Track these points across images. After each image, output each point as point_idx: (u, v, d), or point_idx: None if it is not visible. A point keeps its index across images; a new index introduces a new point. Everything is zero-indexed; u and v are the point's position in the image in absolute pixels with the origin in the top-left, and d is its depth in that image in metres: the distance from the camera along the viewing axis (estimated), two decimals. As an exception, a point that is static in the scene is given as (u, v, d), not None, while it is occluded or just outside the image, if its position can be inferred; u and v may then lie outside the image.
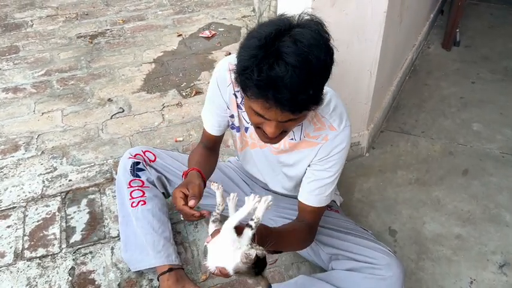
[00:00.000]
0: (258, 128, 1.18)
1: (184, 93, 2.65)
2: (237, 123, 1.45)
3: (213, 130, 1.48)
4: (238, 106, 1.38)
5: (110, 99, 2.62)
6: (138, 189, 1.65)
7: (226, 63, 1.33)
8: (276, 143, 1.25)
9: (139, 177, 1.66)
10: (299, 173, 1.40)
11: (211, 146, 1.54)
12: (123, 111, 2.53)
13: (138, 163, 1.66)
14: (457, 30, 3.03)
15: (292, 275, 1.64)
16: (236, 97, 1.36)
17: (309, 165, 1.36)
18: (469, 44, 3.13)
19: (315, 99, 1.06)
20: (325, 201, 1.36)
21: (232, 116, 1.42)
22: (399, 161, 2.18)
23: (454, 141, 2.29)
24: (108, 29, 3.38)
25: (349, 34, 1.71)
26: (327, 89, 1.32)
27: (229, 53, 3.04)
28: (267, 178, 1.58)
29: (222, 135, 1.54)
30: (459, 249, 1.75)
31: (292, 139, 1.33)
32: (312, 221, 1.39)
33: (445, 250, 1.75)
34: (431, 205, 1.94)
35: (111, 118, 2.48)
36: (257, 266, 1.00)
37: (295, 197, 1.43)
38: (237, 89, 1.27)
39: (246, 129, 1.44)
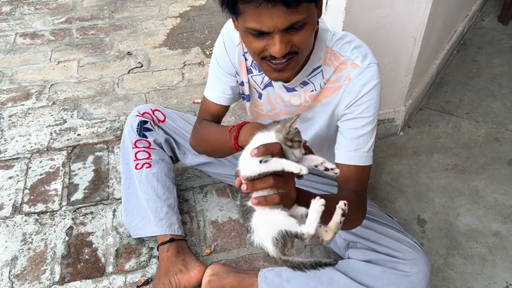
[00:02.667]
0: (262, 60, 1.02)
1: (208, 52, 2.47)
2: (247, 91, 1.30)
3: (221, 99, 1.32)
4: (248, 70, 1.24)
5: (129, 53, 2.48)
6: (143, 151, 1.52)
7: (232, 23, 1.14)
8: (289, 72, 1.05)
9: (146, 137, 1.53)
10: (314, 133, 1.24)
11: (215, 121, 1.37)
12: (142, 66, 2.38)
13: (145, 122, 1.53)
14: (517, 2, 2.71)
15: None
16: (246, 59, 1.22)
17: (338, 120, 1.18)
18: (530, 19, 2.80)
19: None
20: (366, 158, 1.16)
21: (242, 84, 1.28)
22: (437, 143, 1.96)
23: (502, 126, 2.04)
24: (136, -22, 3.21)
25: (395, -9, 1.49)
26: (350, 34, 1.17)
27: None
28: None
29: (227, 109, 1.37)
30: (496, 248, 1.55)
31: (312, 91, 1.18)
32: (357, 186, 1.15)
33: (479, 248, 1.55)
34: (469, 195, 1.73)
35: (128, 73, 2.34)
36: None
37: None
38: (246, 50, 1.13)
39: (260, 95, 1.28)
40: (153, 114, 1.55)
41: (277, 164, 0.82)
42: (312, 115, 1.24)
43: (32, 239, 1.56)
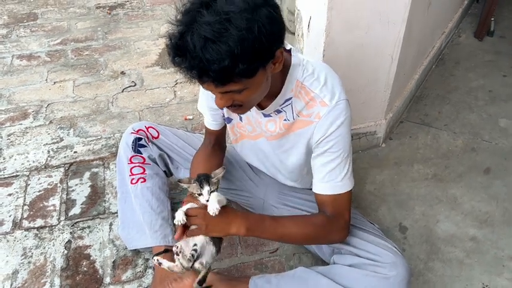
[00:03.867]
0: None
1: (198, 70, 2.57)
2: (226, 114, 1.40)
3: (211, 125, 1.45)
4: None
5: (123, 72, 2.57)
6: (138, 166, 1.59)
7: None
8: (241, 113, 1.25)
9: (141, 153, 1.60)
10: (295, 160, 1.33)
11: (215, 142, 1.50)
12: (135, 85, 2.47)
13: (140, 139, 1.60)
14: (492, 19, 2.84)
15: (293, 266, 1.57)
16: None
17: (312, 155, 1.27)
18: (504, 35, 2.93)
19: (241, 72, 0.97)
20: (341, 187, 1.26)
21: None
22: (417, 154, 2.06)
23: (478, 136, 2.15)
24: (128, 1, 3.32)
25: (371, 15, 1.59)
26: (316, 62, 1.26)
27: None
28: (269, 169, 1.51)
29: (224, 128, 1.49)
30: (473, 252, 1.64)
31: (285, 120, 1.26)
32: (333, 210, 1.27)
33: (457, 252, 1.64)
34: (447, 203, 1.83)
35: (122, 91, 2.43)
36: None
37: (308, 188, 1.35)
38: None
39: (241, 117, 1.38)
40: (147, 131, 1.63)
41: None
42: (290, 145, 1.31)
43: (32, 253, 1.63)
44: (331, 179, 1.25)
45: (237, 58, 0.94)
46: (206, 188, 1.18)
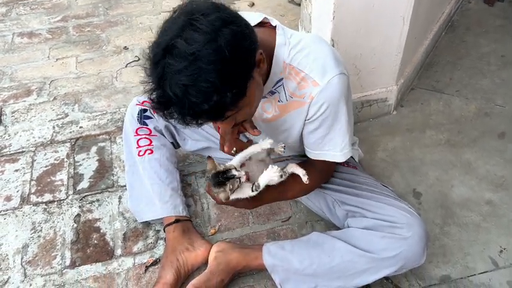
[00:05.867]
0: None
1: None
2: None
3: None
4: None
5: (125, 48, 2.52)
6: (145, 138, 1.57)
7: None
8: (243, 132, 1.24)
9: (147, 125, 1.57)
10: (295, 138, 1.29)
11: None
12: (139, 59, 2.43)
13: (145, 110, 1.57)
14: (503, -17, 2.76)
15: (306, 234, 1.53)
16: None
17: (305, 129, 1.24)
18: (515, 0, 2.85)
19: (233, 98, 0.94)
20: (331, 156, 1.24)
21: None
22: (429, 120, 2.02)
23: (491, 101, 2.10)
24: (128, -24, 3.25)
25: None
26: (303, 35, 1.21)
27: (253, 3, 2.88)
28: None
29: None
30: (489, 215, 1.61)
31: (279, 101, 1.22)
32: (321, 168, 1.31)
33: (473, 216, 1.61)
34: (462, 168, 1.79)
35: (125, 66, 2.39)
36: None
37: None
38: None
39: None
40: (153, 102, 1.60)
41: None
42: (288, 125, 1.27)
43: (42, 227, 1.61)
44: (320, 149, 1.24)
45: (223, 89, 0.91)
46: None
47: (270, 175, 1.16)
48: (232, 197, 1.18)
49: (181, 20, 0.93)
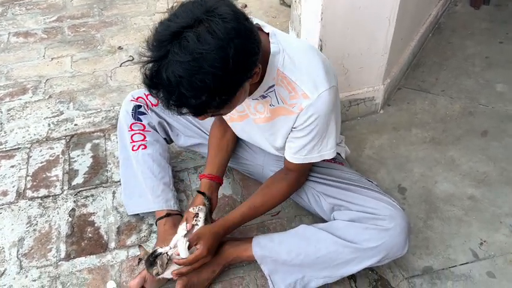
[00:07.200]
0: None
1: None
2: None
3: None
4: None
5: (120, 47, 2.57)
6: (139, 133, 1.61)
7: None
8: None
9: (141, 120, 1.61)
10: (282, 142, 1.34)
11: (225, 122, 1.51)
12: (133, 59, 2.47)
13: (139, 106, 1.62)
14: (489, -13, 2.83)
15: (295, 227, 1.59)
16: None
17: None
18: (500, 3, 2.92)
19: (220, 102, 1.00)
20: (309, 159, 1.32)
21: None
22: (415, 119, 2.08)
23: (475, 101, 2.16)
24: (123, -22, 3.29)
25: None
26: (297, 45, 1.25)
27: (245, 5, 2.93)
28: (261, 145, 1.51)
29: None
30: (471, 210, 1.67)
31: (271, 105, 1.26)
32: (297, 173, 1.41)
33: (456, 210, 1.67)
34: (445, 165, 1.85)
35: (120, 66, 2.43)
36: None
37: None
38: None
39: None
40: (147, 99, 1.63)
41: None
42: (277, 128, 1.31)
43: (37, 221, 1.65)
44: (302, 154, 1.30)
45: (214, 92, 0.96)
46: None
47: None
48: (167, 271, 1.31)
49: (198, 11, 0.95)
